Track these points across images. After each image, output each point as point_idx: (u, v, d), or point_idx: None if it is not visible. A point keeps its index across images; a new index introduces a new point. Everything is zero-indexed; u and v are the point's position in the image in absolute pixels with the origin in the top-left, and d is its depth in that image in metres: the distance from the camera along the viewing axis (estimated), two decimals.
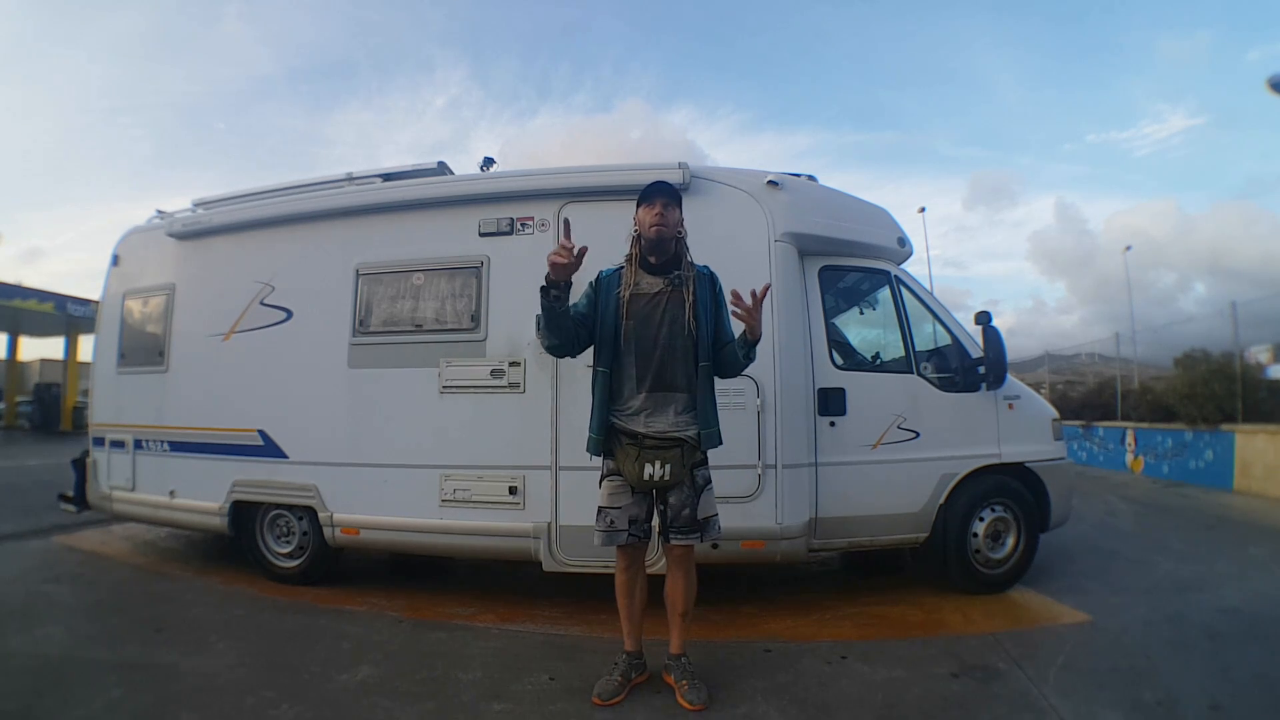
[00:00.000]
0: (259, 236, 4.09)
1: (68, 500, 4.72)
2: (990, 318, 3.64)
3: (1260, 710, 2.35)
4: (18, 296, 15.93)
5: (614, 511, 2.36)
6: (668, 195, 2.34)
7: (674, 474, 2.30)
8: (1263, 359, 11.18)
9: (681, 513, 2.34)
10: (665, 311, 2.34)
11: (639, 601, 2.47)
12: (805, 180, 3.68)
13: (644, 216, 2.35)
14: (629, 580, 2.43)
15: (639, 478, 2.30)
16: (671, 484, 2.32)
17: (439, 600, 3.61)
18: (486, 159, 4.13)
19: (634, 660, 2.47)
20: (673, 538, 2.36)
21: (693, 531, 2.34)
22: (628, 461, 2.31)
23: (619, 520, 2.35)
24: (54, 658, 2.75)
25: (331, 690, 2.48)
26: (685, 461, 2.33)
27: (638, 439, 2.32)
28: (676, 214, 2.36)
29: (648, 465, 2.28)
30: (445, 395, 3.54)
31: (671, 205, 2.35)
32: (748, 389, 3.27)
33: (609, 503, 2.37)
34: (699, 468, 2.38)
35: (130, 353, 4.47)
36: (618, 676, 2.41)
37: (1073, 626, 3.12)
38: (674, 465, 2.29)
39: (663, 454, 2.29)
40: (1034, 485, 3.70)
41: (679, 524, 2.34)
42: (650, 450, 2.30)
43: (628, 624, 2.47)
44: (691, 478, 2.36)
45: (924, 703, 2.37)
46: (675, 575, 2.41)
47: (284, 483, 3.81)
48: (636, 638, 2.49)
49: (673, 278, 2.37)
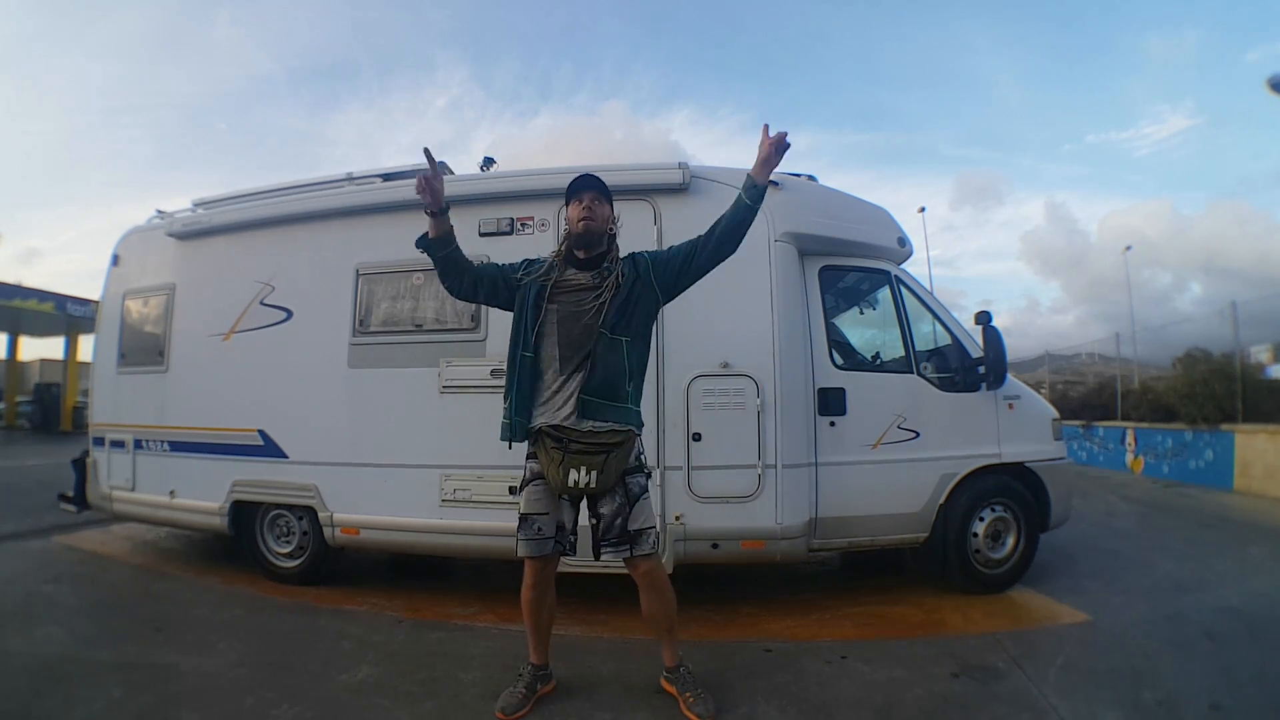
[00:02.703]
0: (259, 236, 4.09)
1: (68, 500, 4.71)
2: (990, 318, 3.64)
3: (1260, 710, 2.35)
4: (18, 296, 15.92)
5: (540, 518, 2.20)
6: (596, 189, 2.27)
7: (601, 482, 2.14)
8: (1263, 359, 11.19)
9: (614, 523, 2.19)
10: (592, 303, 2.21)
11: (547, 615, 2.35)
12: (805, 180, 3.68)
13: (572, 212, 2.28)
14: (538, 597, 2.27)
15: (563, 484, 2.13)
16: (599, 492, 2.18)
17: (439, 600, 3.61)
18: (486, 159, 4.13)
19: (539, 672, 2.37)
20: (604, 552, 2.22)
21: (622, 544, 2.18)
22: (551, 465, 2.15)
23: (545, 527, 2.20)
24: (54, 658, 2.75)
25: (331, 690, 2.48)
26: (615, 468, 2.16)
27: (563, 442, 2.16)
28: (607, 209, 2.29)
29: (573, 470, 2.12)
30: (445, 395, 3.54)
31: (600, 200, 2.27)
32: (748, 389, 3.28)
33: (533, 509, 2.21)
34: (633, 475, 2.22)
35: (130, 353, 4.47)
36: (521, 689, 2.30)
37: (1073, 626, 3.12)
38: (601, 472, 2.13)
39: (589, 459, 2.13)
40: (1034, 485, 3.70)
41: (609, 536, 2.19)
42: (575, 455, 2.13)
43: (534, 638, 2.35)
44: (624, 485, 2.20)
45: (924, 703, 2.37)
46: (648, 597, 2.26)
47: (284, 483, 3.81)
48: (544, 651, 2.38)
49: (601, 270, 2.27)
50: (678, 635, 2.39)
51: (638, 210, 3.42)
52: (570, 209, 2.30)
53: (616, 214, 2.34)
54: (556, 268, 2.31)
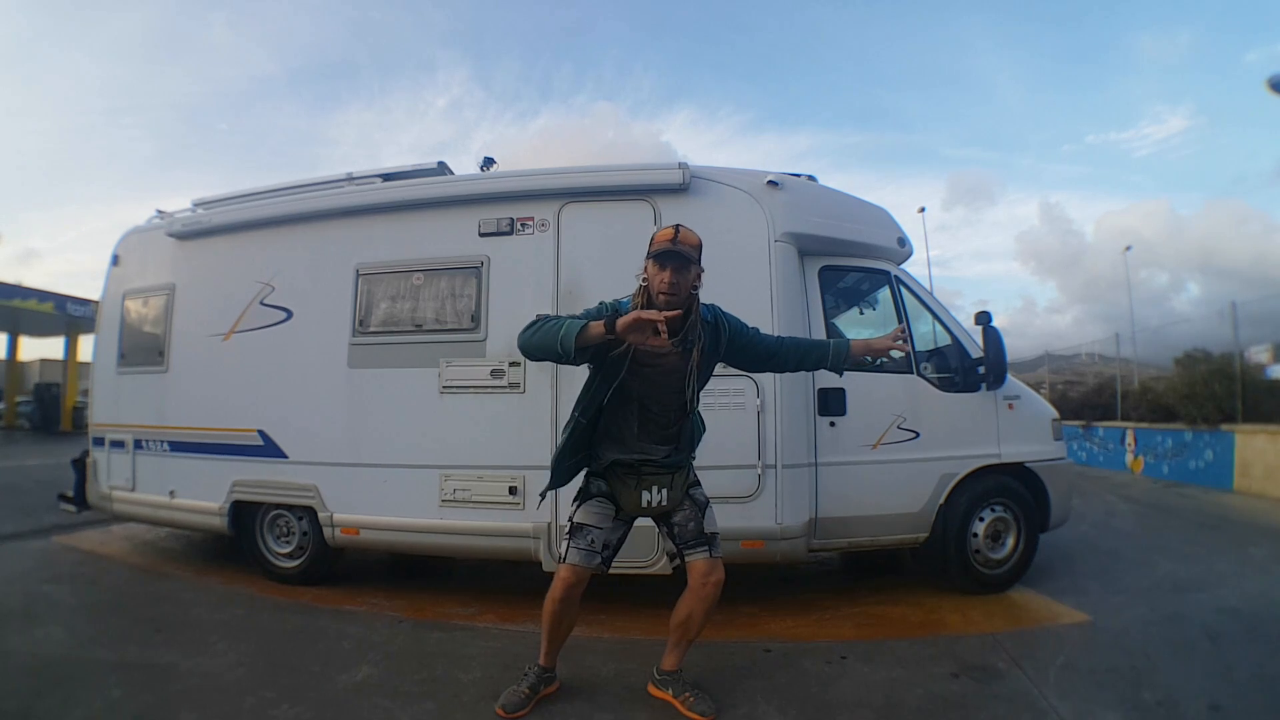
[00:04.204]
0: (259, 236, 4.09)
1: (68, 500, 4.72)
2: (990, 318, 3.64)
3: (1260, 710, 2.35)
4: (18, 296, 15.92)
5: (595, 531, 2.26)
6: (679, 260, 2.10)
7: (671, 499, 2.28)
8: (1263, 359, 11.20)
9: (688, 527, 2.30)
10: (676, 380, 2.21)
11: (568, 627, 2.37)
12: (805, 180, 3.68)
13: (653, 274, 2.14)
14: (563, 610, 2.27)
15: (637, 504, 2.26)
16: (669, 509, 2.30)
17: (439, 600, 3.61)
18: (486, 159, 4.12)
19: (544, 674, 2.39)
20: (686, 555, 2.28)
21: (700, 545, 2.28)
22: (625, 489, 2.27)
23: (598, 541, 2.26)
24: (54, 658, 2.75)
25: (331, 690, 2.48)
26: (681, 485, 2.31)
27: (635, 467, 2.28)
28: (688, 276, 2.14)
29: (645, 492, 2.25)
30: (445, 395, 3.54)
31: (683, 269, 2.12)
32: (748, 389, 3.28)
33: (591, 521, 2.27)
34: (694, 488, 2.38)
35: (130, 353, 4.46)
36: (525, 688, 2.32)
37: (1073, 626, 3.12)
38: (671, 490, 2.28)
39: (659, 479, 2.28)
40: (1034, 485, 3.70)
41: (685, 538, 2.29)
42: (649, 476, 2.27)
43: (548, 644, 2.37)
44: (691, 498, 2.34)
45: (924, 703, 2.37)
46: (695, 600, 2.26)
47: (284, 483, 3.81)
48: (553, 656, 2.41)
49: (681, 339, 2.17)
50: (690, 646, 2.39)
51: (637, 210, 3.42)
52: (652, 268, 2.14)
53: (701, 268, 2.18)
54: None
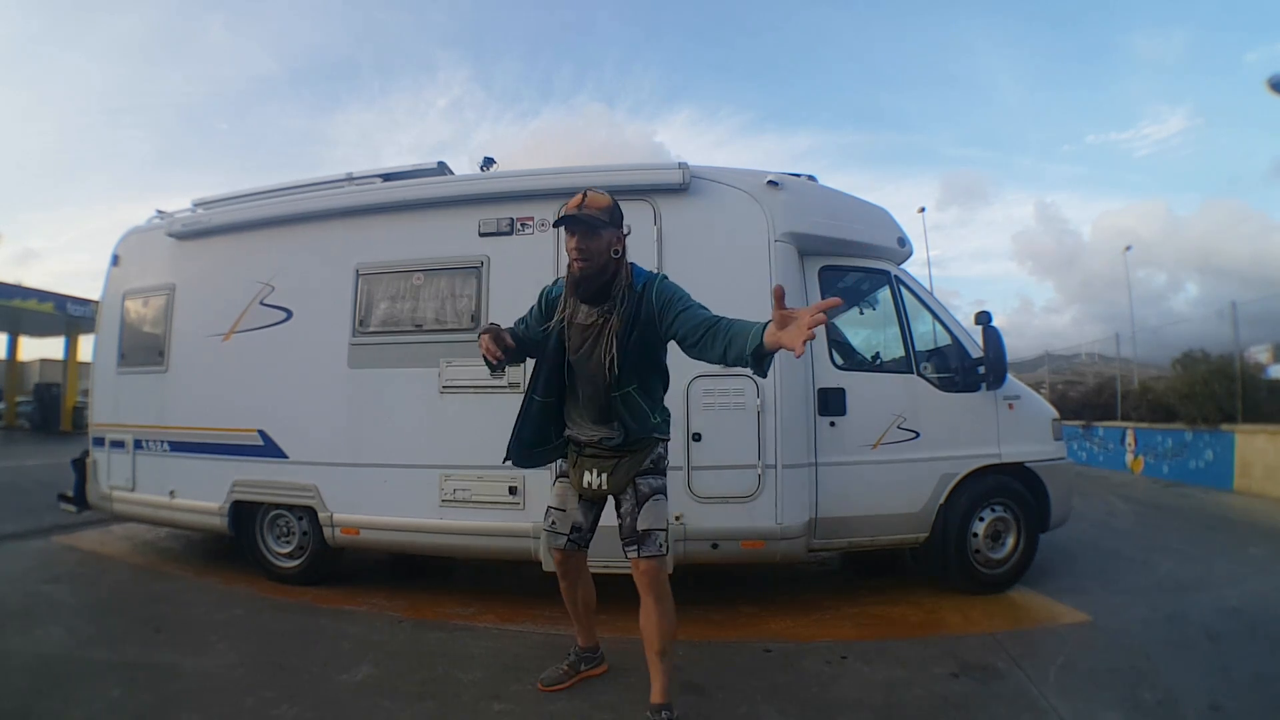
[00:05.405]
0: (259, 236, 4.09)
1: (68, 500, 4.71)
2: (990, 318, 3.65)
3: (1260, 710, 2.35)
4: (18, 296, 15.93)
5: (556, 513, 2.33)
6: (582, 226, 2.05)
7: (612, 484, 2.21)
8: (1262, 359, 11.20)
9: (624, 523, 2.21)
10: (598, 355, 2.13)
11: (582, 602, 2.47)
12: (805, 180, 3.68)
13: (566, 243, 2.12)
14: (568, 587, 2.42)
15: (579, 484, 2.27)
16: (612, 493, 2.23)
17: (439, 600, 3.61)
18: (486, 159, 4.12)
19: (585, 654, 2.53)
20: (626, 552, 2.20)
21: (630, 543, 2.16)
22: (572, 468, 2.30)
23: (560, 523, 2.32)
24: (54, 658, 2.75)
25: (331, 690, 2.48)
26: (626, 470, 2.20)
27: (581, 446, 2.27)
28: (602, 238, 2.07)
29: (586, 473, 2.24)
30: (445, 395, 3.54)
31: (591, 234, 2.06)
32: (748, 389, 3.28)
33: (554, 502, 2.36)
34: (644, 476, 2.21)
35: (130, 353, 4.46)
36: (564, 666, 2.49)
37: (1073, 626, 3.12)
38: (612, 475, 2.20)
39: (600, 462, 2.22)
40: (1034, 485, 3.70)
41: (622, 535, 2.20)
42: (590, 458, 2.24)
43: (575, 623, 2.54)
44: (634, 487, 2.20)
45: (924, 703, 2.37)
46: (644, 603, 2.17)
47: (284, 483, 3.81)
48: (586, 633, 2.54)
49: (605, 308, 2.13)
50: (671, 664, 2.20)
51: (637, 210, 3.42)
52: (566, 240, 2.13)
53: (626, 228, 2.16)
54: (569, 303, 2.20)
